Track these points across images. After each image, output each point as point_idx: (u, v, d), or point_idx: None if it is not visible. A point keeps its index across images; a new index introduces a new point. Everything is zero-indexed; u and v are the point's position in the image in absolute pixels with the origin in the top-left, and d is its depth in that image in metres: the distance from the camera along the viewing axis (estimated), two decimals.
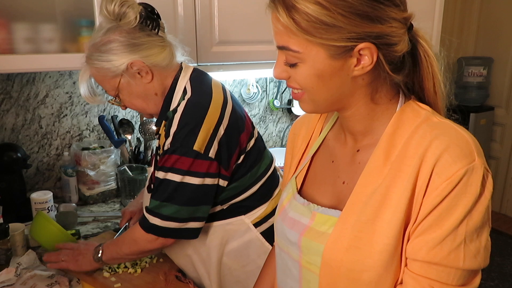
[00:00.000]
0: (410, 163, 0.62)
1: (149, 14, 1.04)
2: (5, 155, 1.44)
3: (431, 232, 0.60)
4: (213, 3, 1.51)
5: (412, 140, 0.63)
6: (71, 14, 1.35)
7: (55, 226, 1.21)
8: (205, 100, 1.06)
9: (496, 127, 3.23)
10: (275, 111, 2.29)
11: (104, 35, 1.02)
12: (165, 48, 1.07)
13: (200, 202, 1.06)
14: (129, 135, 1.75)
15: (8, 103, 1.58)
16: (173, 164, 1.01)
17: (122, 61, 1.02)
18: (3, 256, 1.17)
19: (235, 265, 1.17)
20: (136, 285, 1.11)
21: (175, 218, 1.03)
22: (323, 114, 0.84)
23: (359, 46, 0.60)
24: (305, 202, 0.75)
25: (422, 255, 0.61)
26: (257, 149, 1.18)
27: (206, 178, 1.03)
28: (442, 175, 0.58)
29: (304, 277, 0.73)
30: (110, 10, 0.99)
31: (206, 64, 1.54)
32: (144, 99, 1.09)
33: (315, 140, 0.82)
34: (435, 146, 0.60)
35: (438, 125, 0.64)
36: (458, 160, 0.58)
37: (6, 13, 1.24)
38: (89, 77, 1.09)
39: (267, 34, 1.82)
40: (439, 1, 2.17)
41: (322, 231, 0.69)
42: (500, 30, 3.10)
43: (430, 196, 0.59)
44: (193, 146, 1.00)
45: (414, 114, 0.67)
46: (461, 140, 0.61)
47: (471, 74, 3.10)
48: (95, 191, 1.65)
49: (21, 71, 1.45)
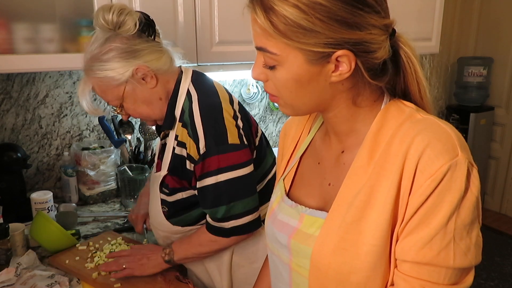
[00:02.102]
0: (393, 161, 0.60)
1: (146, 20, 1.04)
2: (5, 155, 1.44)
3: (419, 231, 0.58)
4: (213, 4, 1.51)
5: (395, 138, 0.62)
6: (71, 14, 1.35)
7: (55, 226, 1.21)
8: (215, 97, 1.08)
9: (496, 127, 3.23)
10: (275, 111, 2.29)
11: (103, 45, 1.01)
12: (163, 52, 1.08)
13: (255, 189, 1.10)
14: (129, 135, 1.75)
15: (8, 103, 1.58)
16: (218, 165, 1.02)
17: (126, 68, 1.01)
18: (3, 256, 1.17)
19: (243, 262, 1.18)
20: (136, 285, 1.10)
21: (248, 211, 1.06)
22: (311, 115, 0.82)
23: (337, 53, 0.59)
24: (293, 204, 0.74)
25: (411, 256, 0.59)
26: (263, 145, 1.20)
27: (251, 165, 1.07)
28: (426, 172, 0.57)
29: (294, 281, 0.73)
30: (109, 20, 0.99)
31: (206, 64, 1.54)
32: (149, 105, 1.09)
33: (303, 140, 0.81)
34: (417, 142, 0.58)
35: (421, 121, 0.62)
36: (440, 156, 0.57)
37: (6, 13, 1.24)
38: (90, 90, 1.08)
39: None
40: (439, 1, 2.17)
41: (310, 233, 0.68)
42: (500, 30, 3.10)
43: (415, 194, 0.58)
44: (228, 140, 1.02)
45: (399, 112, 0.65)
46: (443, 135, 0.59)
47: (471, 74, 3.10)
48: (95, 191, 1.65)
49: (21, 71, 1.45)
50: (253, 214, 1.08)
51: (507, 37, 3.07)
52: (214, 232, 1.09)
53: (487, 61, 3.11)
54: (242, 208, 1.05)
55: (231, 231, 1.07)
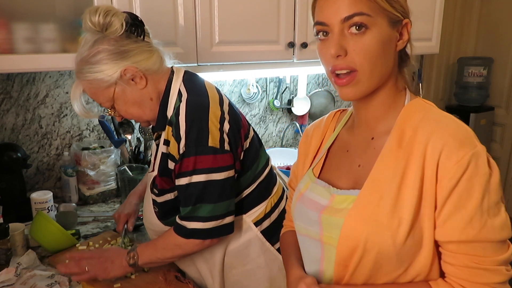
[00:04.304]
0: (418, 147, 0.69)
1: (134, 21, 1.04)
2: (5, 155, 1.44)
3: (458, 214, 0.66)
4: (213, 3, 1.51)
5: (419, 129, 0.71)
6: (71, 14, 1.35)
7: (55, 226, 1.21)
8: (204, 98, 1.06)
9: (496, 127, 3.23)
10: (275, 111, 2.29)
11: (91, 48, 1.01)
12: (153, 52, 1.07)
13: (230, 195, 1.07)
14: (129, 135, 1.75)
15: (8, 103, 1.58)
16: (194, 166, 1.00)
17: (114, 69, 1.01)
18: (3, 256, 1.17)
19: (235, 264, 1.18)
20: (136, 285, 1.11)
21: (213, 217, 1.03)
22: (334, 117, 0.91)
23: (405, 21, 0.72)
24: (326, 185, 0.80)
25: (456, 236, 0.66)
26: (254, 147, 1.18)
27: (229, 171, 1.04)
28: (452, 158, 0.65)
29: (326, 254, 0.77)
30: (95, 22, 0.99)
31: (206, 64, 1.54)
32: (140, 105, 1.08)
33: (328, 137, 0.89)
34: (440, 133, 0.68)
35: (442, 117, 0.72)
36: (464, 145, 0.66)
37: (6, 13, 1.24)
38: (81, 93, 1.08)
39: (267, 34, 1.83)
40: (439, 1, 2.17)
41: (341, 208, 0.74)
42: (500, 30, 3.10)
43: (444, 179, 0.66)
44: (208, 142, 1.00)
45: (421, 107, 0.75)
46: (462, 128, 0.70)
47: (471, 74, 3.10)
48: (95, 191, 1.65)
49: (21, 71, 1.45)
50: (218, 220, 1.04)
51: (507, 37, 3.07)
52: (176, 230, 1.06)
53: (487, 61, 3.11)
54: (208, 212, 1.03)
55: (191, 233, 1.04)
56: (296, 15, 1.72)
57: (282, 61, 1.75)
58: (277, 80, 2.25)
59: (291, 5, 1.70)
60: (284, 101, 2.31)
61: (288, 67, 1.78)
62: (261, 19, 1.64)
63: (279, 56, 1.73)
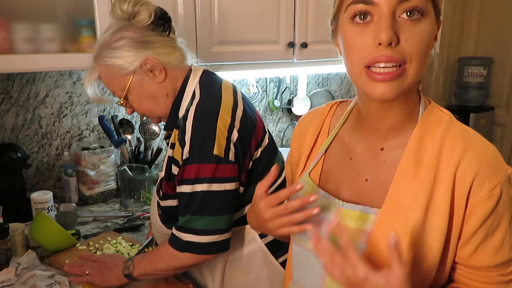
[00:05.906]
0: (445, 168, 0.64)
1: (163, 15, 1.03)
2: (5, 155, 1.44)
3: (489, 242, 0.65)
4: (213, 3, 1.51)
5: (444, 148, 0.65)
6: (71, 14, 1.35)
7: (55, 226, 1.21)
8: (215, 103, 1.02)
9: (496, 127, 3.23)
10: (275, 111, 2.29)
11: (115, 33, 1.00)
12: (176, 49, 1.06)
13: (230, 209, 1.01)
14: (129, 135, 1.75)
15: (8, 103, 1.58)
16: (196, 174, 0.96)
17: (135, 57, 0.99)
18: (3, 256, 1.17)
19: (236, 273, 1.15)
20: (136, 285, 1.10)
21: (210, 231, 0.98)
22: (330, 110, 0.83)
23: (441, 16, 0.66)
24: (330, 197, 0.74)
25: (489, 263, 0.66)
26: (266, 157, 1.12)
27: (231, 183, 0.99)
28: (484, 187, 0.62)
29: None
30: (124, 9, 0.98)
31: (206, 64, 1.54)
32: (154, 99, 1.06)
33: (323, 136, 0.81)
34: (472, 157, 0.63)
35: (466, 133, 0.67)
36: (496, 172, 0.63)
37: (6, 13, 1.24)
38: (97, 77, 1.06)
39: (267, 34, 1.83)
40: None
41: (353, 228, 0.68)
42: (500, 30, 3.09)
43: (476, 209, 0.63)
44: (213, 151, 0.95)
45: (439, 117, 0.69)
46: (491, 150, 0.65)
47: (471, 74, 3.10)
48: (95, 191, 1.65)
49: (21, 71, 1.45)
50: (216, 235, 0.98)
51: (507, 37, 3.07)
52: (170, 241, 1.02)
53: (487, 61, 3.11)
54: (205, 225, 0.97)
55: (185, 245, 0.99)
56: (296, 15, 1.72)
57: (282, 61, 1.75)
58: (277, 80, 2.25)
59: (291, 5, 1.70)
60: (284, 101, 2.31)
61: (288, 67, 1.78)
62: (261, 19, 1.64)
63: (279, 56, 1.73)
